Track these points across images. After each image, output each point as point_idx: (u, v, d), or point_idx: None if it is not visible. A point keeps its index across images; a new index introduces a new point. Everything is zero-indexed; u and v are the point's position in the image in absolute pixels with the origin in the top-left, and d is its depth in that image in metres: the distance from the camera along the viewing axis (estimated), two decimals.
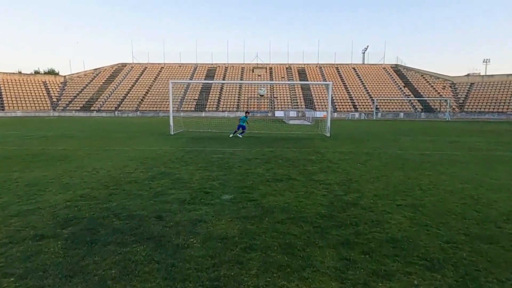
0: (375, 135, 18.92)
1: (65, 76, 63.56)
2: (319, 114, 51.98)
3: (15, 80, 57.27)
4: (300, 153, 11.26)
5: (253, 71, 66.67)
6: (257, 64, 68.40)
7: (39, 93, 56.68)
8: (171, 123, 17.67)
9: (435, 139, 16.58)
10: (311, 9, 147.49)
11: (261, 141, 14.68)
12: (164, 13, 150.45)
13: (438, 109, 53.40)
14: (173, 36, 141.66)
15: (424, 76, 62.82)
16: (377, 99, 51.74)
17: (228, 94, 58.09)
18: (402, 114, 52.74)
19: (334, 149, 12.31)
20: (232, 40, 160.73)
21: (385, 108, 54.26)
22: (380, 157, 10.37)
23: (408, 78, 62.96)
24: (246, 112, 17.78)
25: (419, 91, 58.04)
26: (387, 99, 55.06)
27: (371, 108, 53.54)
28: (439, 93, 57.03)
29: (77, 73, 64.77)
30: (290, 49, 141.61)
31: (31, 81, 58.59)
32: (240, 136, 16.48)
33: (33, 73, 69.63)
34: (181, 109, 53.85)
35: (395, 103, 55.18)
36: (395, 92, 58.03)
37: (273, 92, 58.96)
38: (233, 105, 55.17)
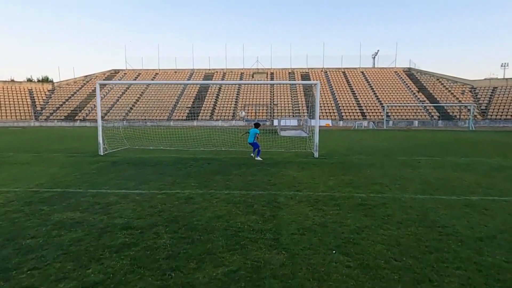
0: (383, 154, 13.72)
1: (53, 84, 60.06)
2: (322, 122, 46.92)
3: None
4: (238, 203, 6.21)
5: (253, 77, 62.05)
6: (258, 69, 63.76)
7: (22, 101, 53.08)
8: (100, 140, 12.86)
9: (471, 162, 11.31)
10: (315, 10, 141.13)
11: (205, 172, 9.69)
12: (159, 17, 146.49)
13: (458, 117, 47.55)
14: (168, 41, 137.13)
15: (440, 80, 57.06)
16: (387, 106, 46.25)
17: (224, 101, 53.43)
18: (416, 122, 47.09)
19: (308, 190, 7.25)
20: (230, 44, 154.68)
21: (397, 115, 48.70)
22: (385, 217, 5.29)
23: (423, 82, 57.30)
24: (255, 125, 12.73)
25: (435, 96, 52.30)
26: (399, 106, 49.52)
27: (381, 115, 48.05)
28: (457, 98, 51.17)
29: (66, 80, 61.23)
30: (293, 52, 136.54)
31: (15, 89, 55.17)
32: (258, 158, 11.93)
33: (25, 80, 66.48)
34: (171, 118, 49.44)
35: (408, 110, 49.58)
36: (408, 98, 52.44)
37: (273, 99, 54.07)
38: (229, 113, 50.43)
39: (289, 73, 62.81)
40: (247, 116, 48.00)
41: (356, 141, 20.13)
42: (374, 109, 50.07)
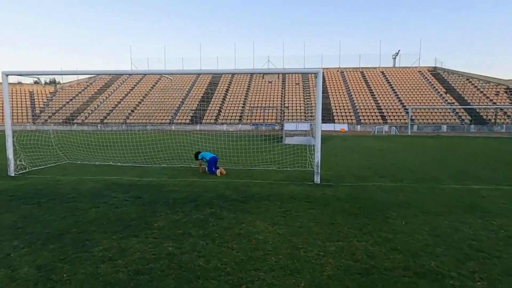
0: (418, 178, 9.37)
1: (55, 86, 57.92)
2: (338, 126, 42.40)
3: None
4: None
5: (263, 77, 58.01)
6: (269, 69, 59.63)
7: (21, 104, 50.92)
8: (10, 154, 9.08)
9: None
10: (331, 7, 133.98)
11: (109, 222, 5.70)
12: (166, 17, 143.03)
13: (493, 121, 41.92)
14: (175, 41, 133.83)
15: (470, 80, 51.36)
16: (412, 108, 41.13)
17: (231, 104, 49.58)
18: (444, 126, 41.78)
19: None
20: (240, 43, 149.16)
21: (423, 119, 43.49)
22: None
23: (450, 82, 51.74)
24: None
25: (465, 98, 46.74)
26: (424, 108, 44.30)
27: (404, 119, 43.01)
28: (491, 100, 45.47)
29: (69, 82, 59.01)
30: (307, 52, 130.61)
31: (16, 91, 53.14)
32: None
33: (32, 83, 64.82)
34: (173, 121, 45.99)
35: (435, 113, 44.28)
36: (434, 100, 47.08)
37: (284, 101, 49.83)
38: (235, 116, 46.50)
39: (302, 73, 58.37)
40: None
41: (377, 153, 15.69)
42: (396, 112, 45.02)
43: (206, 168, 9.81)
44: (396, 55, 61.54)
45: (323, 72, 56.36)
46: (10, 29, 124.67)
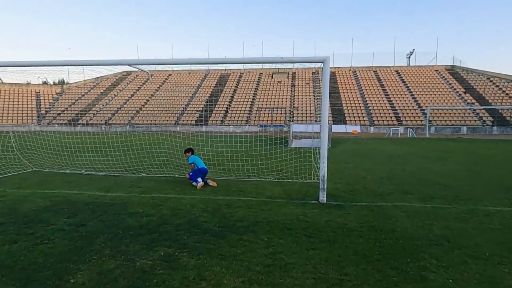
0: (452, 195, 7.47)
1: (62, 86, 57.34)
2: (350, 128, 40.26)
3: (5, 90, 51.54)
4: None
5: (272, 77, 56.19)
6: (278, 69, 57.78)
7: (27, 105, 50.35)
8: None
9: None
10: (342, 4, 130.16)
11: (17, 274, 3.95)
12: (173, 16, 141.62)
13: None
14: (182, 40, 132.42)
15: (491, 79, 48.41)
16: (430, 109, 38.63)
17: (239, 104, 47.88)
18: (464, 128, 39.18)
19: None
20: (248, 42, 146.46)
21: (440, 120, 40.95)
22: None
23: (470, 82, 48.89)
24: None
25: (487, 98, 43.93)
26: (442, 109, 41.74)
27: (421, 120, 40.58)
28: None
29: (76, 82, 58.36)
30: (317, 51, 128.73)
31: (22, 91, 52.68)
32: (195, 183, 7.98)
33: (41, 83, 64.52)
34: (179, 122, 44.57)
35: (454, 113, 41.67)
36: (452, 100, 44.41)
37: (293, 101, 47.88)
38: (243, 117, 44.78)
39: (312, 72, 56.36)
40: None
41: (395, 160, 13.69)
42: (412, 113, 42.58)
43: (189, 174, 8.12)
44: (411, 55, 58.82)
45: (334, 71, 54.13)
46: (9, 29, 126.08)
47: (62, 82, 72.35)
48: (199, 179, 7.99)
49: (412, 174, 9.93)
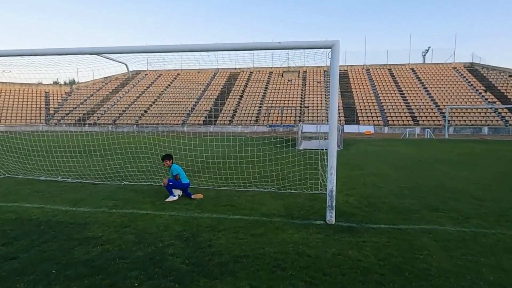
0: (492, 213, 6.04)
1: (71, 86, 57.19)
2: (363, 128, 38.53)
3: (15, 90, 51.61)
4: None
5: (282, 76, 54.75)
6: (288, 67, 56.21)
7: (36, 104, 50.24)
8: None
9: None
10: (355, 1, 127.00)
11: None
12: (180, 14, 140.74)
13: None
14: (191, 39, 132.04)
15: None
16: (449, 108, 36.53)
17: (248, 104, 46.62)
18: (485, 129, 36.97)
19: None
20: (258, 40, 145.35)
21: (459, 120, 38.78)
22: None
23: (490, 80, 46.42)
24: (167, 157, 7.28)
25: (509, 96, 41.49)
26: (462, 108, 39.56)
27: (438, 120, 38.54)
28: None
29: (85, 82, 58.10)
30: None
31: (32, 91, 52.66)
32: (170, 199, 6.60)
33: (51, 83, 64.65)
34: (186, 122, 43.62)
35: (474, 113, 39.44)
36: (472, 99, 42.12)
37: (304, 101, 46.35)
38: (252, 117, 43.50)
39: (324, 71, 54.62)
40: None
41: (417, 165, 12.15)
42: (429, 113, 40.51)
43: (167, 183, 6.77)
44: (426, 52, 56.45)
45: (346, 69, 52.45)
46: (10, 29, 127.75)
47: (72, 82, 72.56)
48: (177, 193, 6.74)
49: (438, 184, 8.46)
